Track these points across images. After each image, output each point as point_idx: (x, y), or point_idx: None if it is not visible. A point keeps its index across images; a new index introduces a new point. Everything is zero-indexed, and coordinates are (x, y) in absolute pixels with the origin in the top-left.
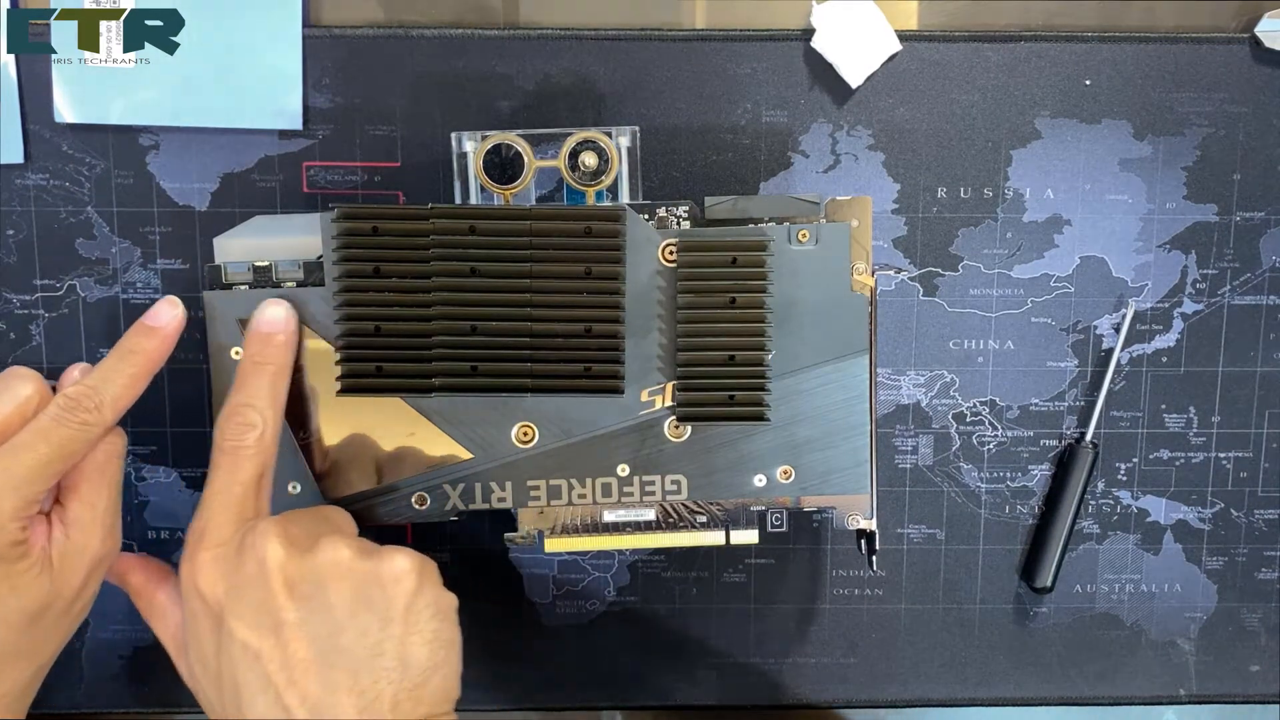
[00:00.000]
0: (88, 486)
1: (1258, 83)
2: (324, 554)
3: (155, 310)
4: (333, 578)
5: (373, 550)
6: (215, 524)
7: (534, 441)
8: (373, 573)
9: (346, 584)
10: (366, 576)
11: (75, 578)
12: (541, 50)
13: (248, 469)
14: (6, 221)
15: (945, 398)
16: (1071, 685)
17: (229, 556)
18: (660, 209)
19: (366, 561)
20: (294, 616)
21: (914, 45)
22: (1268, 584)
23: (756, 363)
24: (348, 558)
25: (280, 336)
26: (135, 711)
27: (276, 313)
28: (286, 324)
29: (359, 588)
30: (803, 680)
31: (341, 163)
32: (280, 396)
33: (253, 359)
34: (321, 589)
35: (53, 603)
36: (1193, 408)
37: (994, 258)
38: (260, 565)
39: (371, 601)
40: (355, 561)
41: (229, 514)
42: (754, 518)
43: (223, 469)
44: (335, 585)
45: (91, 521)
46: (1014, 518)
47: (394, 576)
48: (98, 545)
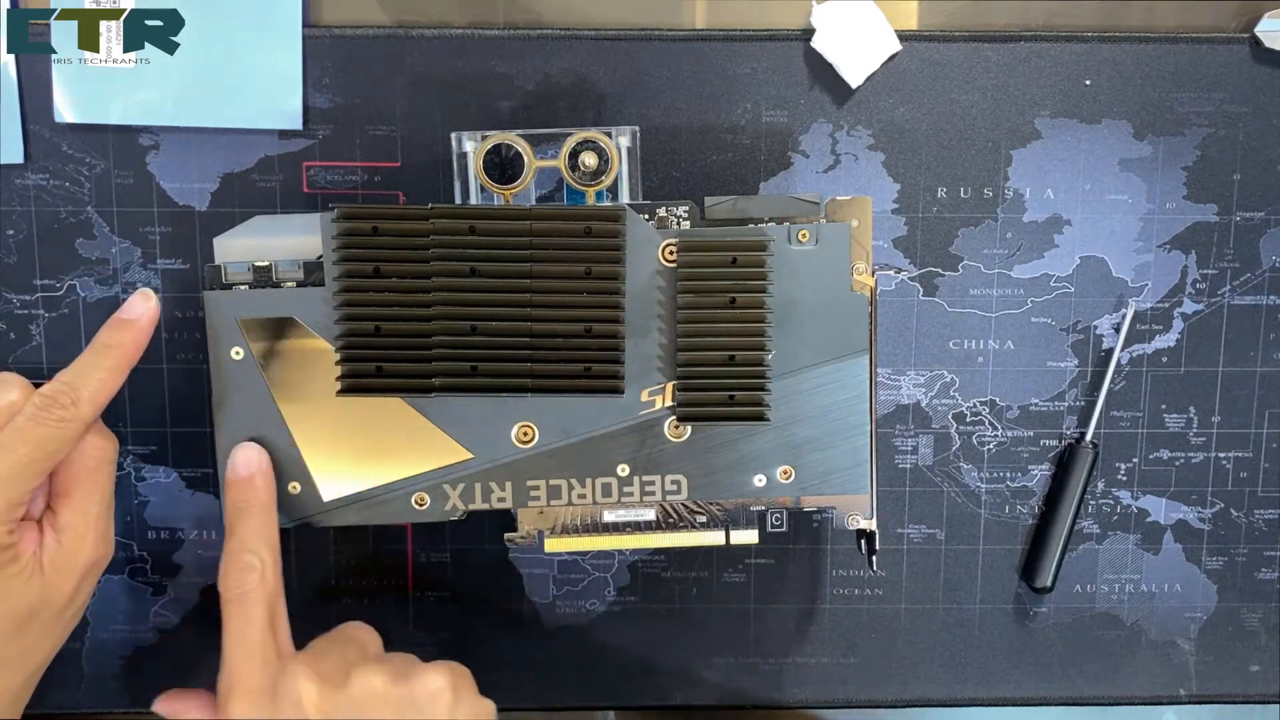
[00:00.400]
0: (80, 492)
1: (1258, 83)
2: (358, 686)
3: (129, 303)
4: (370, 708)
5: (405, 672)
6: (242, 675)
7: (534, 441)
8: (408, 696)
9: (385, 712)
10: (403, 701)
11: (67, 584)
12: (541, 50)
13: (258, 612)
14: (6, 221)
15: (945, 398)
16: (1071, 685)
17: (264, 705)
18: (660, 209)
19: (401, 686)
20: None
21: (914, 45)
22: (1268, 584)
23: (756, 363)
24: (382, 685)
25: (257, 478)
26: (135, 711)
27: (248, 455)
28: (259, 463)
29: (397, 714)
30: (803, 680)
31: (341, 163)
32: (272, 532)
33: (235, 505)
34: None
35: (43, 609)
36: (1193, 408)
37: (994, 258)
38: (297, 708)
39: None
40: (390, 688)
41: (253, 661)
42: (754, 518)
43: (235, 618)
44: (374, 715)
45: (84, 527)
46: (1014, 518)
47: (429, 696)
48: (90, 550)
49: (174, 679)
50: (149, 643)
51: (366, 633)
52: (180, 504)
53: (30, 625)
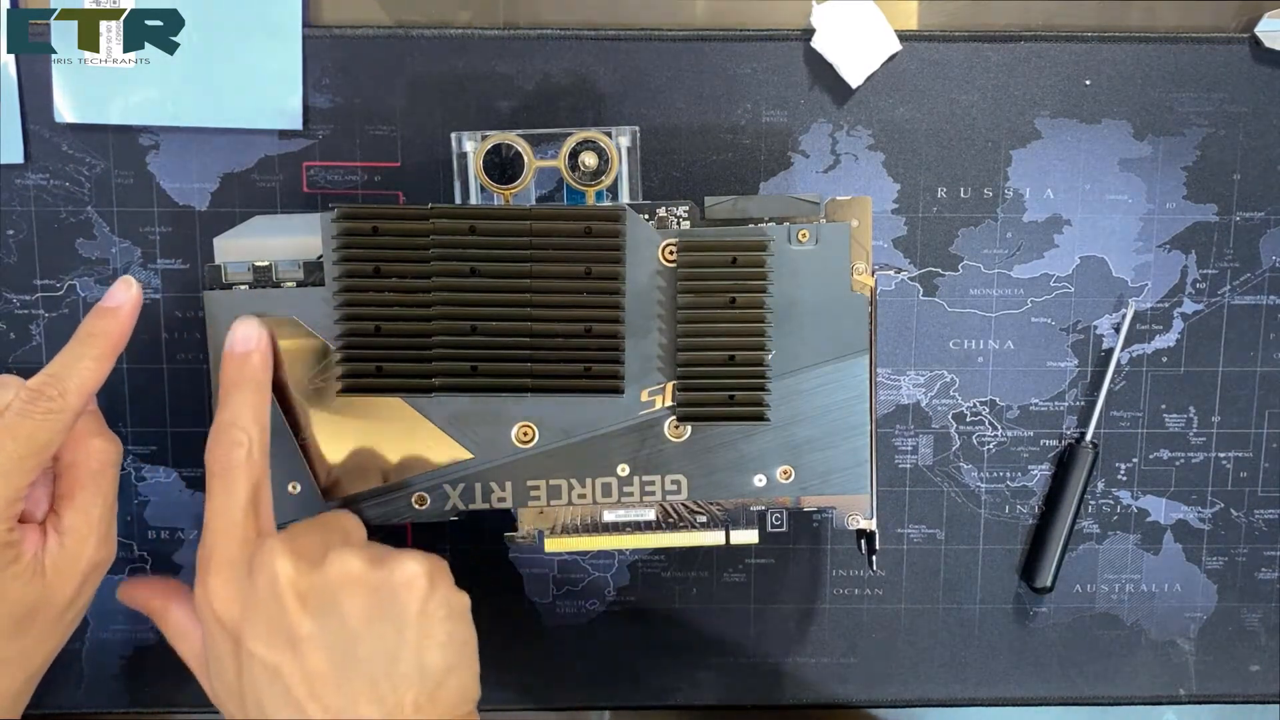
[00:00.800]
0: (83, 494)
1: (1258, 83)
2: (334, 566)
3: (111, 291)
4: (345, 589)
5: (383, 557)
6: (220, 547)
7: (534, 441)
8: (384, 581)
9: (359, 594)
10: (378, 585)
11: (69, 585)
12: (541, 50)
13: (242, 487)
14: (6, 221)
15: (945, 398)
16: (1071, 685)
17: (240, 578)
18: (660, 209)
19: (377, 570)
20: (309, 630)
21: (914, 45)
22: (1268, 584)
23: (756, 363)
24: (358, 567)
25: (255, 355)
26: (135, 711)
27: (248, 330)
28: (259, 340)
29: (371, 597)
30: (803, 680)
31: (341, 163)
32: (263, 412)
33: (230, 379)
34: (334, 601)
35: (44, 610)
36: (1193, 408)
37: (994, 258)
38: (272, 583)
39: (385, 609)
40: (366, 571)
41: (232, 535)
42: (754, 518)
43: (218, 491)
44: (348, 596)
45: (86, 528)
46: (1014, 518)
47: (405, 582)
48: (92, 552)
49: (174, 679)
50: (149, 643)
51: (350, 520)
52: (180, 504)
53: (31, 626)
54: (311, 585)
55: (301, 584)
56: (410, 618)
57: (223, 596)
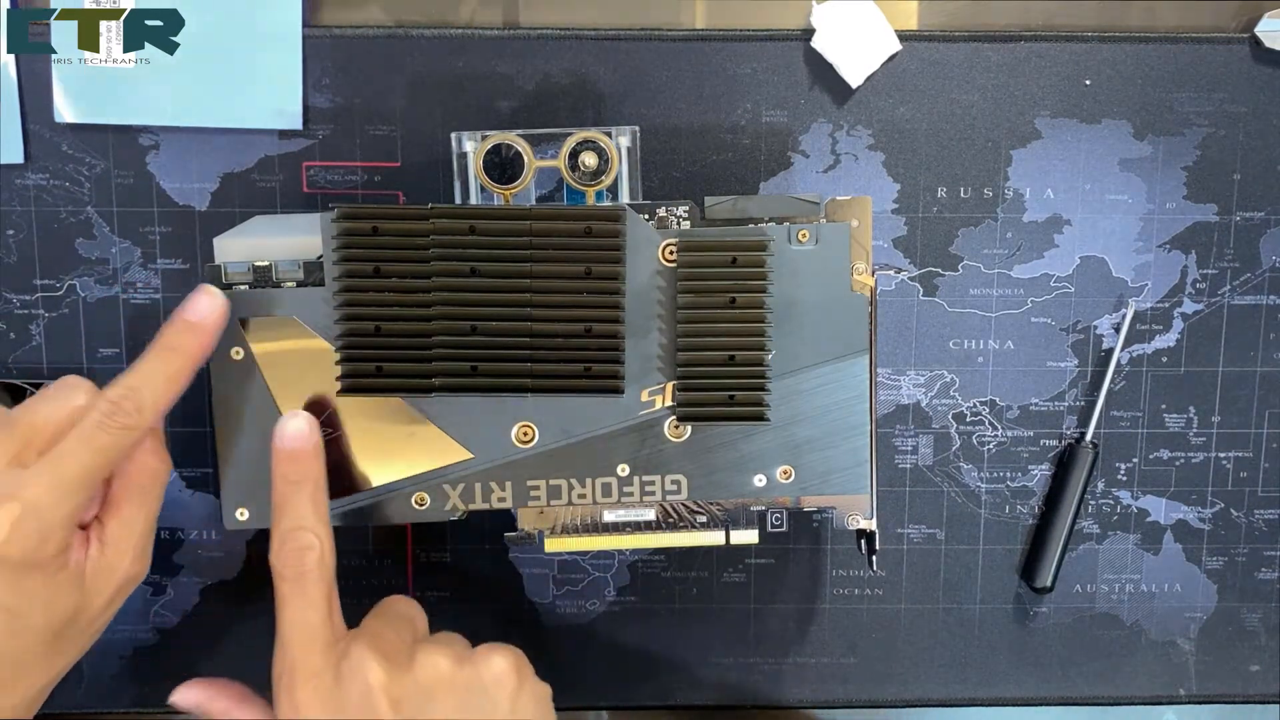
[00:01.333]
0: (129, 507)
1: (1258, 83)
2: (425, 668)
3: (194, 303)
4: (437, 690)
5: (469, 655)
6: (303, 658)
7: (534, 441)
8: (474, 679)
9: (451, 696)
10: (469, 684)
11: (102, 596)
12: (541, 50)
13: (317, 591)
14: (6, 221)
15: (945, 398)
16: (1071, 685)
17: (328, 687)
18: (660, 209)
19: (466, 668)
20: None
21: (914, 45)
22: (1268, 584)
23: (756, 363)
24: (447, 668)
25: (309, 451)
26: (135, 711)
27: (299, 426)
28: (311, 435)
29: (464, 697)
30: (803, 680)
31: (341, 163)
32: (325, 508)
33: (286, 479)
34: (428, 703)
35: (77, 620)
36: (1193, 408)
37: (994, 258)
38: (364, 690)
39: (477, 708)
40: (455, 670)
41: (314, 644)
42: (754, 518)
43: (293, 599)
44: (441, 698)
45: (126, 541)
46: (1014, 518)
47: (495, 679)
48: (128, 565)
49: (174, 679)
50: (149, 643)
51: (414, 608)
52: (180, 504)
53: (64, 633)
54: (404, 689)
55: (394, 690)
56: (502, 714)
57: (312, 707)
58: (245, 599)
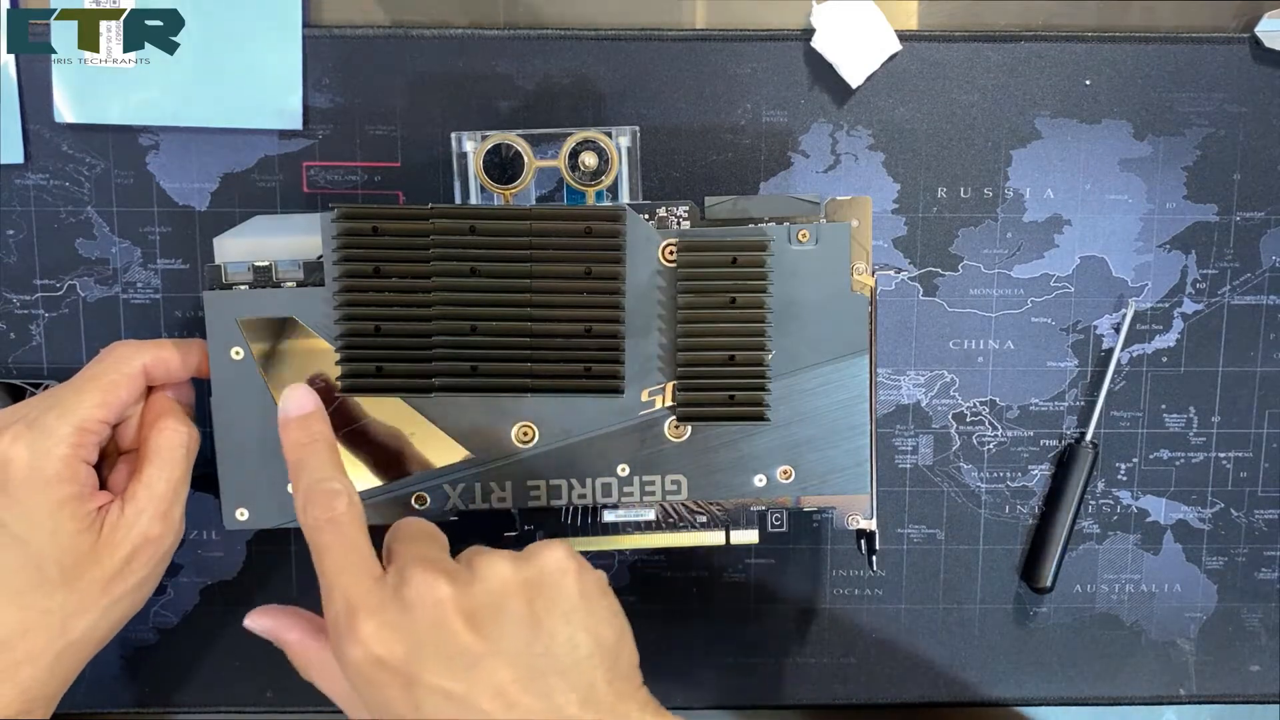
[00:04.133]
0: (149, 469)
1: (1258, 83)
2: (488, 577)
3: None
4: (506, 596)
5: (525, 555)
6: (359, 594)
7: (534, 441)
8: (538, 576)
9: (520, 597)
10: (536, 580)
11: (118, 551)
12: (541, 50)
13: (355, 531)
14: (6, 221)
15: (945, 398)
16: (1071, 685)
17: (397, 618)
18: (660, 209)
19: (526, 567)
20: (486, 647)
21: (914, 45)
22: (1268, 584)
23: (756, 363)
24: (509, 570)
25: (314, 416)
26: (135, 711)
27: (301, 397)
28: (315, 402)
29: (532, 596)
30: (803, 680)
31: (341, 163)
32: (341, 465)
33: (298, 443)
34: (501, 610)
35: (89, 569)
36: (1193, 408)
37: (994, 258)
38: (436, 610)
39: (550, 603)
40: (516, 571)
41: (367, 581)
42: (754, 518)
43: (334, 546)
44: (511, 602)
45: (145, 500)
46: (1014, 518)
47: (558, 569)
48: (146, 525)
49: (174, 679)
50: (149, 643)
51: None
52: None
53: (75, 581)
54: (474, 600)
55: (464, 603)
56: (574, 602)
57: (384, 639)
58: (245, 599)
